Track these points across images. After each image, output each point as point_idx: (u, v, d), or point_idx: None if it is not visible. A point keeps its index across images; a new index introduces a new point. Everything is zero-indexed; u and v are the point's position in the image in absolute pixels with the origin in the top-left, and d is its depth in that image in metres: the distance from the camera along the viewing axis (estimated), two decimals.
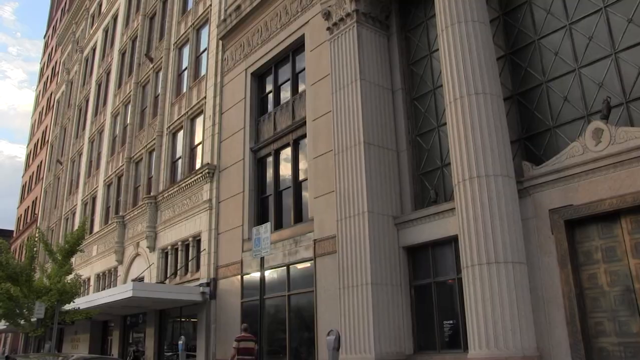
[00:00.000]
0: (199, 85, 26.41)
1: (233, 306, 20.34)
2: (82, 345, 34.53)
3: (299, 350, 17.38)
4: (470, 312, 11.25)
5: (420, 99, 15.92)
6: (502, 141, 11.93)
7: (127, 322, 29.70)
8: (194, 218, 23.85)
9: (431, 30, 15.90)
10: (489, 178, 11.58)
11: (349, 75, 15.82)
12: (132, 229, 30.15)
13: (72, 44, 54.11)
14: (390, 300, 14.03)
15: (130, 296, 21.00)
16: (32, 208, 60.51)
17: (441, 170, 14.83)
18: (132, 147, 32.76)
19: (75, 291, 24.36)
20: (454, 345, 13.26)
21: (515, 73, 13.65)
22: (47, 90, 65.11)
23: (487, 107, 12.05)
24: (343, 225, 14.86)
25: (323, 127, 17.41)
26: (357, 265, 14.19)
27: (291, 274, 18.09)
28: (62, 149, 50.26)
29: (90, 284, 35.07)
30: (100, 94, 42.51)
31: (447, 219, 13.54)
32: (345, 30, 16.30)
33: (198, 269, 22.99)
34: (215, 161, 23.25)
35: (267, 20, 21.77)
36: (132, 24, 38.01)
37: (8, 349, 54.95)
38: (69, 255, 25.86)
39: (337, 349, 13.70)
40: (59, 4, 70.97)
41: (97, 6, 48.29)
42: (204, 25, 27.56)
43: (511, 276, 11.01)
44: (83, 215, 38.54)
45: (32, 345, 41.98)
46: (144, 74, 33.66)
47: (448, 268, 13.77)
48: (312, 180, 17.79)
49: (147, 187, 29.84)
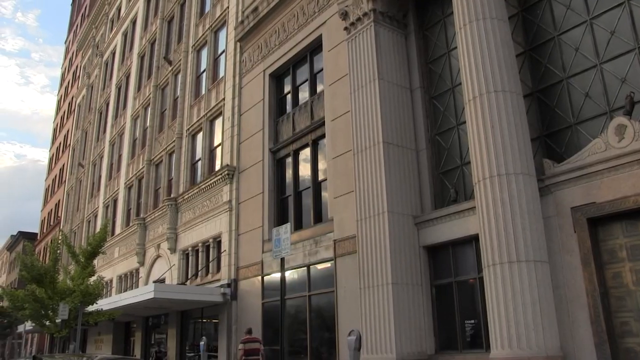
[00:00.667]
0: (217, 87, 26.54)
1: (254, 307, 20.39)
2: (106, 345, 34.89)
3: (319, 350, 17.38)
4: (492, 312, 11.16)
5: (439, 97, 15.84)
6: (522, 139, 11.81)
7: (149, 323, 29.94)
8: (214, 219, 23.96)
9: (449, 28, 15.80)
10: (509, 176, 11.48)
11: (367, 75, 15.78)
12: (153, 231, 30.38)
13: (92, 48, 54.70)
14: (411, 300, 13.97)
15: (152, 297, 21.17)
16: (55, 211, 61.29)
17: (461, 169, 14.73)
18: (152, 150, 33.00)
19: (98, 293, 24.61)
20: (475, 345, 13.17)
21: (535, 70, 13.52)
22: (69, 95, 65.89)
23: (507, 105, 11.95)
24: (363, 225, 14.84)
25: (342, 127, 17.39)
26: (377, 265, 14.16)
27: (311, 275, 18.10)
28: (83, 152, 50.85)
29: (112, 285, 35.42)
30: (120, 97, 42.92)
31: (467, 218, 13.45)
32: (363, 29, 16.26)
33: (219, 270, 23.08)
34: (234, 162, 23.34)
35: (284, 22, 21.80)
36: (150, 28, 38.31)
37: (35, 349, 55.81)
38: (92, 257, 26.13)
39: (358, 349, 13.65)
40: (79, 9, 71.80)
41: (116, 11, 48.77)
42: (222, 27, 27.69)
43: (533, 275, 10.90)
44: (105, 217, 38.92)
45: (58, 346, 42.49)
46: (163, 76, 33.90)
47: (469, 267, 13.68)
48: (331, 180, 17.77)
49: (167, 189, 30.05)
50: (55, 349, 43.31)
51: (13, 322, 44.98)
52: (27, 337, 58.13)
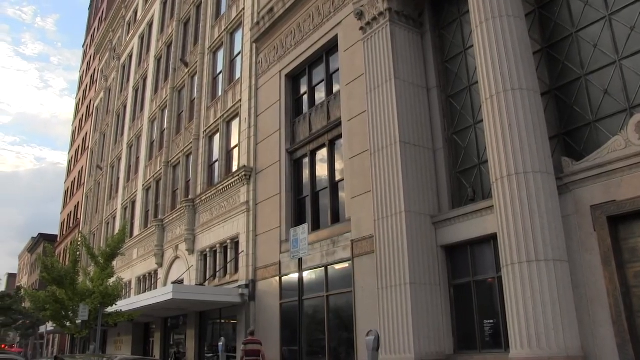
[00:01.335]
0: (234, 89, 26.64)
1: (272, 307, 20.44)
2: (125, 346, 35.17)
3: (338, 350, 17.38)
4: (511, 311, 11.08)
5: (455, 96, 15.76)
6: (540, 137, 11.72)
7: (168, 324, 30.11)
8: (231, 220, 24.05)
9: (465, 27, 15.72)
10: (527, 175, 11.40)
11: (383, 75, 15.75)
12: (171, 232, 30.57)
13: (110, 51, 55.18)
14: (429, 299, 13.92)
15: (171, 298, 21.31)
16: (74, 213, 61.90)
17: (478, 168, 14.65)
18: (170, 151, 33.22)
19: (117, 294, 24.82)
20: (494, 344, 13.08)
21: (552, 67, 13.40)
22: (87, 98, 66.53)
23: (524, 103, 11.86)
24: (380, 225, 14.81)
25: (358, 127, 17.37)
26: (395, 265, 14.13)
27: (329, 275, 18.10)
28: (101, 155, 51.31)
29: (131, 286, 35.69)
30: (137, 100, 43.26)
31: (485, 217, 13.37)
32: (379, 29, 16.23)
33: (237, 271, 23.17)
34: (251, 163, 23.42)
35: (300, 22, 21.83)
36: (167, 30, 38.57)
37: (56, 349, 56.51)
38: (111, 259, 26.36)
39: (376, 349, 13.62)
40: (97, 13, 72.47)
41: (132, 14, 49.15)
42: (238, 28, 27.79)
43: (552, 274, 10.81)
44: (123, 219, 39.22)
45: (78, 346, 42.98)
46: (179, 78, 34.10)
47: (487, 267, 13.59)
48: (348, 180, 17.76)
49: (185, 191, 30.23)
50: (76, 350, 43.80)
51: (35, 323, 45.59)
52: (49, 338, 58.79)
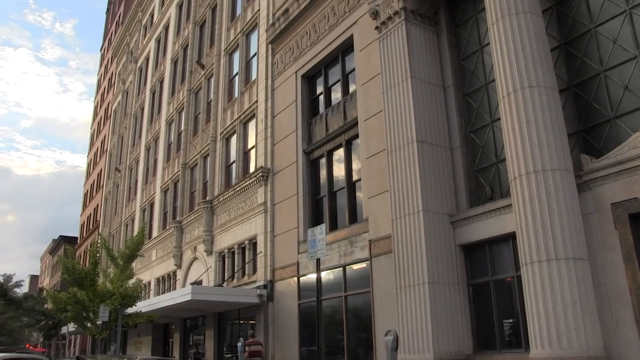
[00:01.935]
0: (250, 90, 26.72)
1: (290, 308, 20.47)
2: (145, 347, 35.44)
3: (356, 350, 17.35)
4: (531, 311, 10.98)
5: (472, 94, 15.67)
6: (558, 134, 11.61)
7: (187, 325, 30.29)
8: (249, 221, 24.12)
9: (481, 24, 15.62)
10: (546, 173, 11.30)
11: (400, 74, 15.71)
12: (189, 234, 30.74)
13: (127, 55, 55.61)
14: (448, 299, 13.85)
15: (189, 299, 21.43)
16: (94, 215, 62.50)
17: (496, 166, 14.55)
18: (187, 153, 33.40)
19: (136, 295, 25.01)
20: (514, 344, 12.98)
21: (570, 64, 13.27)
22: (105, 101, 67.13)
23: (542, 100, 11.76)
24: (398, 224, 14.77)
25: (375, 127, 17.34)
26: (413, 264, 14.08)
27: (347, 275, 18.08)
28: (120, 157, 51.73)
29: (150, 288, 35.95)
30: (154, 102, 43.55)
31: (503, 216, 13.27)
32: (394, 28, 16.19)
33: (255, 272, 23.23)
34: (268, 164, 23.47)
35: (315, 23, 21.84)
36: (183, 33, 38.79)
37: (78, 349, 57.15)
38: (130, 260, 26.57)
39: (395, 349, 13.60)
40: (114, 17, 73.10)
41: (149, 17, 49.50)
42: (253, 30, 27.87)
43: (572, 273, 10.69)
44: (142, 221, 39.52)
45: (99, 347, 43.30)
46: (196, 80, 34.28)
47: (506, 266, 13.49)
48: (365, 180, 17.73)
49: (202, 192, 30.37)
50: (97, 350, 44.17)
51: (57, 323, 46.12)
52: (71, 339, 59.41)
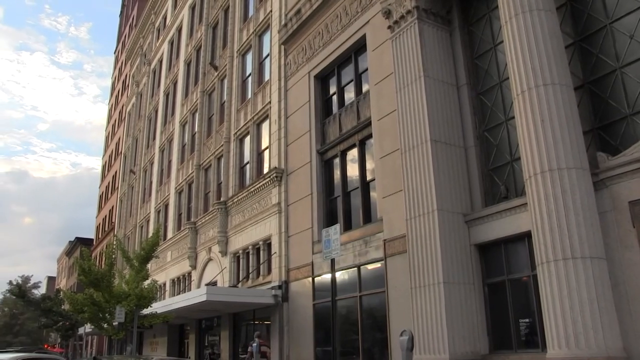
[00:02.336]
0: (263, 91, 26.77)
1: (305, 308, 20.48)
2: (161, 347, 35.62)
3: (371, 351, 17.32)
4: (547, 310, 10.90)
5: (486, 93, 15.59)
6: (574, 132, 11.52)
7: (203, 325, 30.40)
8: (263, 222, 24.17)
9: (494, 23, 15.53)
10: (561, 171, 11.21)
11: (413, 73, 15.67)
12: (204, 235, 30.85)
13: (140, 57, 55.94)
14: (463, 299, 13.79)
15: (204, 300, 21.51)
16: (109, 217, 62.93)
17: (511, 165, 14.46)
18: (201, 154, 33.53)
19: (152, 296, 25.11)
20: (531, 344, 12.90)
21: (585, 61, 13.16)
22: (119, 103, 67.58)
23: (557, 98, 11.67)
24: (413, 224, 14.73)
25: (389, 126, 17.30)
26: (428, 264, 14.03)
27: (362, 275, 18.06)
28: (134, 159, 52.05)
29: (165, 289, 36.12)
30: (168, 104, 43.77)
31: (519, 215, 13.19)
32: (407, 27, 16.15)
33: (269, 272, 23.27)
34: (282, 165, 23.49)
35: (327, 23, 21.84)
36: (195, 35, 38.95)
37: (95, 350, 57.64)
38: (145, 262, 26.67)
39: (410, 349, 13.59)
40: (127, 20, 73.58)
41: (162, 20, 49.76)
42: (266, 31, 27.92)
43: (590, 272, 10.59)
44: (157, 222, 39.74)
45: (115, 348, 43.69)
46: (209, 82, 34.41)
47: (522, 265, 13.40)
48: (379, 180, 17.71)
49: (216, 193, 30.47)
50: (113, 351, 44.53)
51: (74, 324, 46.53)
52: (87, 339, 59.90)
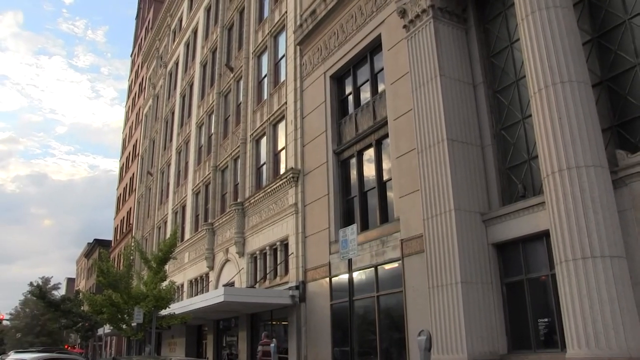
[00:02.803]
0: (279, 92, 26.83)
1: (322, 308, 20.50)
2: (179, 348, 35.85)
3: (389, 351, 17.30)
4: (567, 310, 10.81)
5: (502, 91, 15.51)
6: (592, 130, 11.42)
7: (220, 326, 30.54)
8: (280, 222, 24.23)
9: (511, 20, 15.45)
10: (579, 169, 11.12)
11: (429, 72, 15.63)
12: (221, 236, 30.99)
13: (157, 59, 56.31)
14: (481, 298, 13.73)
15: (222, 301, 21.61)
16: (127, 218, 63.41)
17: (528, 163, 14.37)
18: (218, 156, 33.68)
19: (170, 297, 25.28)
20: (550, 344, 12.81)
21: (603, 57, 13.03)
22: (136, 106, 68.08)
23: (575, 96, 11.58)
24: (430, 223, 14.69)
25: (405, 126, 17.27)
26: (445, 263, 13.99)
27: (379, 275, 18.04)
28: (151, 161, 52.41)
29: (183, 290, 36.33)
30: (184, 106, 44.03)
31: (537, 214, 13.11)
32: (422, 26, 16.11)
33: (287, 273, 23.32)
34: (299, 165, 23.54)
35: (342, 23, 21.85)
36: (211, 36, 39.13)
37: (114, 351, 58.11)
38: (163, 263, 26.85)
39: (428, 349, 13.55)
40: (143, 23, 74.11)
41: (177, 22, 50.06)
42: (281, 32, 27.99)
43: (609, 271, 10.49)
44: (174, 223, 39.97)
45: (134, 348, 44.02)
46: (225, 83, 34.56)
47: (540, 264, 13.31)
48: (396, 179, 17.68)
49: (233, 194, 30.59)
50: (132, 352, 44.87)
51: (94, 325, 47.03)
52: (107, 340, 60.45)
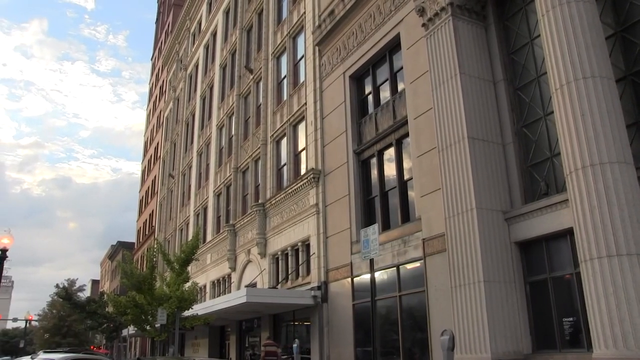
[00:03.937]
0: (298, 92, 26.87)
1: (344, 309, 20.47)
2: (202, 349, 36.06)
3: (412, 351, 17.23)
4: (592, 309, 10.67)
5: (523, 88, 15.36)
6: (616, 126, 11.25)
7: (243, 327, 30.65)
8: (302, 223, 24.26)
9: (531, 16, 15.29)
10: (603, 166, 10.97)
11: (448, 70, 15.54)
12: (242, 237, 31.11)
13: (177, 63, 56.73)
14: (504, 297, 13.60)
15: (244, 302, 21.69)
16: (149, 221, 63.97)
17: (551, 160, 14.21)
18: (238, 157, 33.83)
19: (192, 298, 25.45)
20: (575, 343, 12.65)
21: (628, 52, 12.84)
22: (157, 109, 68.66)
23: (598, 91, 11.42)
24: (451, 222, 14.60)
25: (425, 125, 17.19)
26: (468, 262, 13.89)
27: (401, 275, 17.98)
28: (173, 163, 52.80)
29: (206, 291, 36.53)
30: (205, 108, 44.29)
31: (560, 212, 12.95)
32: (441, 24, 16.02)
33: (308, 273, 23.34)
34: (319, 166, 23.54)
35: (361, 22, 21.81)
36: (230, 39, 39.32)
37: (138, 351, 58.66)
38: (186, 264, 27.04)
39: (451, 349, 13.44)
40: (163, 26, 74.74)
41: (197, 25, 50.39)
42: (300, 32, 28.03)
43: (636, 269, 10.32)
44: (196, 225, 40.21)
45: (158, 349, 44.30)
46: (245, 85, 34.69)
47: (564, 263, 13.15)
48: (417, 179, 17.60)
49: (254, 195, 30.69)
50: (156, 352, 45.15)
51: (118, 326, 47.50)
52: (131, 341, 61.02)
